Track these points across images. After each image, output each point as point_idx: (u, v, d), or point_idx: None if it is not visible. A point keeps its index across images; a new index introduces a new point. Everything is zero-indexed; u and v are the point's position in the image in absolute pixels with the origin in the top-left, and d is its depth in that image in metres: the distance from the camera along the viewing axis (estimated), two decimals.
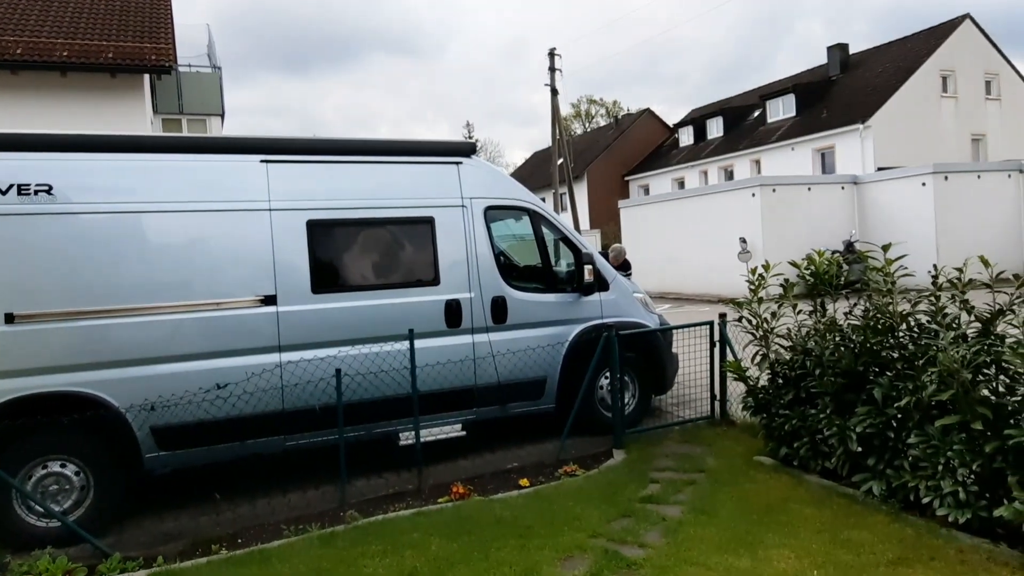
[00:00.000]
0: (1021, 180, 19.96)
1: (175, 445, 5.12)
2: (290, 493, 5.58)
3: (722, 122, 37.46)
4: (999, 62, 30.40)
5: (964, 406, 4.00)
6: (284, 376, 5.34)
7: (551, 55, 31.41)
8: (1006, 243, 17.91)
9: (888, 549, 3.87)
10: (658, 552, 4.04)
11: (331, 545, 4.40)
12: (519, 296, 6.34)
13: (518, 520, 4.60)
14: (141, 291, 5.04)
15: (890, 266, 4.85)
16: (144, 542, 4.77)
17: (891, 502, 4.36)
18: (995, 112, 30.01)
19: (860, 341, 4.92)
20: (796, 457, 5.20)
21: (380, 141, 6.42)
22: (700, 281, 21.11)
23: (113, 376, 4.91)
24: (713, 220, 21.32)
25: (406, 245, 6.09)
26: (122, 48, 13.49)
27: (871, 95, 29.26)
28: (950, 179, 19.33)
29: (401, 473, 5.81)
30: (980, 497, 3.89)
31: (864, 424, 4.60)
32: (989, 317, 4.34)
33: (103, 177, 5.10)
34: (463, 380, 6.01)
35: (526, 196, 6.72)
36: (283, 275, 5.44)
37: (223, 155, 5.55)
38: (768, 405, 5.58)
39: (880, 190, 20.68)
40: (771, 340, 5.71)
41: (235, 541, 4.68)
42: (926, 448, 4.17)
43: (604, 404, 6.68)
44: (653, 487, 5.15)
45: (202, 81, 18.70)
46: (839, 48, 34.07)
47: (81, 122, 10.99)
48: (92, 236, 4.96)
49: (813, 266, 5.52)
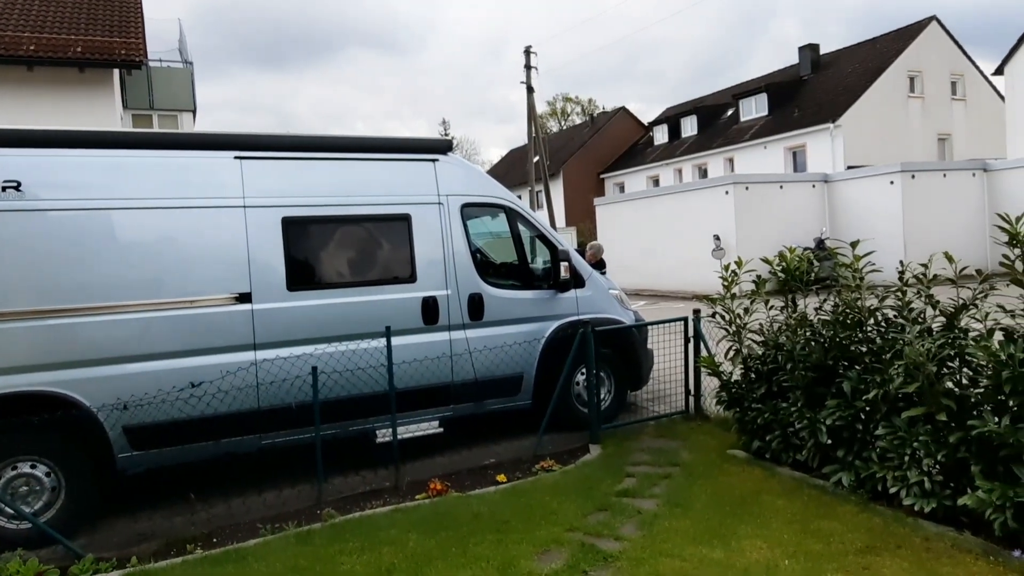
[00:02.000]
0: (985, 179, 20.48)
1: (148, 445, 5.06)
2: (266, 492, 5.54)
3: (696, 121, 37.84)
4: (964, 63, 31.14)
5: (929, 398, 4.11)
6: (259, 374, 5.30)
7: (527, 53, 31.45)
8: (970, 240, 18.36)
9: (857, 538, 3.97)
10: (634, 545, 4.09)
11: (308, 543, 4.38)
12: (496, 293, 6.36)
13: (495, 515, 4.63)
14: (113, 289, 4.96)
15: (858, 262, 4.97)
16: (117, 543, 4.70)
17: (860, 492, 4.47)
18: (960, 112, 30.74)
19: (830, 336, 5.03)
20: (768, 450, 5.30)
21: (356, 138, 6.40)
22: (675, 278, 21.32)
23: (84, 375, 4.83)
24: (687, 217, 21.55)
25: (383, 242, 6.08)
26: (91, 42, 13.24)
27: (841, 95, 29.79)
28: (917, 178, 19.77)
29: (378, 470, 5.80)
30: (945, 487, 4.01)
31: (834, 417, 4.70)
32: (953, 312, 4.46)
33: (73, 173, 5.01)
34: (440, 377, 6.01)
35: (503, 193, 6.74)
36: (258, 272, 5.40)
37: (197, 151, 5.49)
38: (741, 399, 5.68)
39: (850, 188, 21.07)
40: (744, 335, 5.81)
41: (210, 541, 4.63)
42: (893, 439, 4.28)
43: (580, 400, 6.74)
44: (629, 481, 5.21)
45: (173, 76, 18.39)
46: (810, 48, 34.62)
47: (49, 118, 10.75)
48: (62, 233, 4.87)
49: (784, 263, 5.62)
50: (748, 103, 34.32)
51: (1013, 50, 25.26)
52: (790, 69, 35.97)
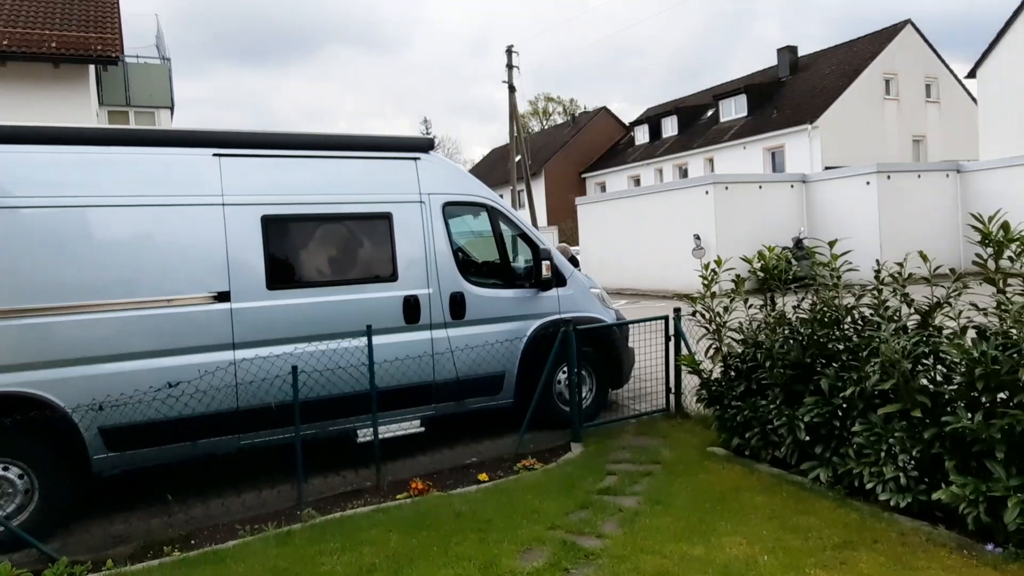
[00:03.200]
0: (959, 180, 20.86)
1: (125, 446, 4.98)
2: (245, 493, 5.48)
3: (677, 121, 38.12)
4: (938, 66, 31.71)
5: (905, 395, 4.18)
6: (238, 374, 5.25)
7: (509, 52, 31.49)
8: (944, 239, 18.69)
9: (834, 533, 4.02)
10: (615, 542, 4.11)
11: (288, 544, 4.34)
12: (477, 292, 6.35)
13: (477, 514, 4.62)
14: (88, 288, 4.88)
15: (835, 262, 5.03)
16: (92, 546, 4.63)
17: (837, 488, 4.53)
18: (934, 114, 31.29)
19: (808, 334, 5.09)
20: (748, 447, 5.35)
21: (337, 136, 6.33)
22: (656, 277, 21.45)
23: (59, 376, 4.75)
24: (668, 217, 21.69)
25: (364, 241, 6.04)
26: (66, 37, 12.99)
27: (819, 96, 30.18)
28: (892, 178, 20.08)
29: (359, 470, 5.76)
30: (919, 482, 4.08)
31: (812, 414, 4.76)
32: (928, 310, 4.54)
33: (48, 171, 4.91)
34: (421, 376, 5.99)
35: (484, 192, 6.74)
36: (237, 271, 5.34)
37: (174, 148, 5.41)
38: (721, 397, 5.73)
39: (827, 189, 21.35)
40: (724, 334, 5.86)
41: (188, 542, 4.58)
42: (869, 436, 4.35)
43: (562, 398, 6.75)
44: (610, 479, 5.23)
45: (150, 73, 18.12)
46: (788, 50, 35.04)
47: (22, 114, 10.52)
48: (36, 231, 4.78)
49: (763, 262, 5.68)
50: (728, 104, 34.65)
51: (985, 54, 25.76)
52: (769, 71, 36.36)
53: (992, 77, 25.57)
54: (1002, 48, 25.13)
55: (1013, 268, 4.12)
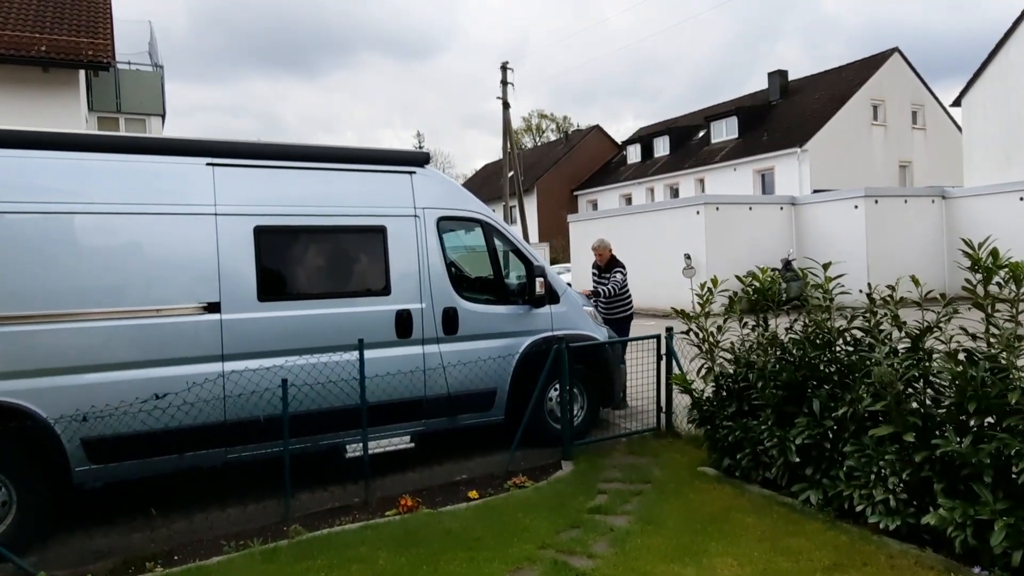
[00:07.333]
0: (944, 205, 21.15)
1: (108, 458, 4.88)
2: (230, 507, 5.39)
3: (669, 141, 38.51)
4: (924, 94, 32.32)
5: (896, 417, 4.20)
6: (227, 386, 5.18)
7: (503, 69, 31.70)
8: (929, 263, 18.92)
9: (824, 556, 4.01)
10: (606, 562, 4.07)
11: (274, 560, 4.27)
12: (470, 307, 6.33)
13: (467, 532, 4.58)
14: (73, 296, 4.80)
15: (828, 284, 5.07)
16: (72, 560, 4.51)
17: (827, 510, 4.53)
18: (920, 140, 31.83)
19: (800, 355, 5.11)
20: (738, 468, 5.34)
21: (332, 148, 6.31)
22: (646, 295, 21.44)
23: (41, 385, 4.65)
24: (659, 236, 21.81)
25: (357, 254, 6.01)
26: (56, 41, 12.93)
27: (808, 120, 30.61)
28: (880, 203, 20.35)
29: (348, 486, 5.69)
30: (909, 505, 4.09)
31: (803, 435, 4.77)
32: (918, 333, 4.57)
33: (34, 176, 4.85)
34: (412, 391, 5.94)
35: (479, 207, 6.74)
36: (228, 282, 5.29)
37: (167, 156, 5.37)
38: (712, 417, 5.72)
39: (816, 211, 21.58)
40: (716, 353, 5.87)
41: (171, 558, 4.48)
42: (860, 457, 4.36)
43: (553, 416, 6.72)
44: (601, 498, 5.20)
45: (142, 79, 18.09)
46: (779, 74, 35.59)
47: (9, 118, 10.43)
48: (21, 238, 4.70)
49: (757, 282, 5.71)
50: (719, 125, 35.06)
51: (970, 83, 26.26)
52: (760, 94, 36.88)
53: (977, 106, 26.04)
54: (986, 79, 25.63)
55: (1001, 294, 4.17)
